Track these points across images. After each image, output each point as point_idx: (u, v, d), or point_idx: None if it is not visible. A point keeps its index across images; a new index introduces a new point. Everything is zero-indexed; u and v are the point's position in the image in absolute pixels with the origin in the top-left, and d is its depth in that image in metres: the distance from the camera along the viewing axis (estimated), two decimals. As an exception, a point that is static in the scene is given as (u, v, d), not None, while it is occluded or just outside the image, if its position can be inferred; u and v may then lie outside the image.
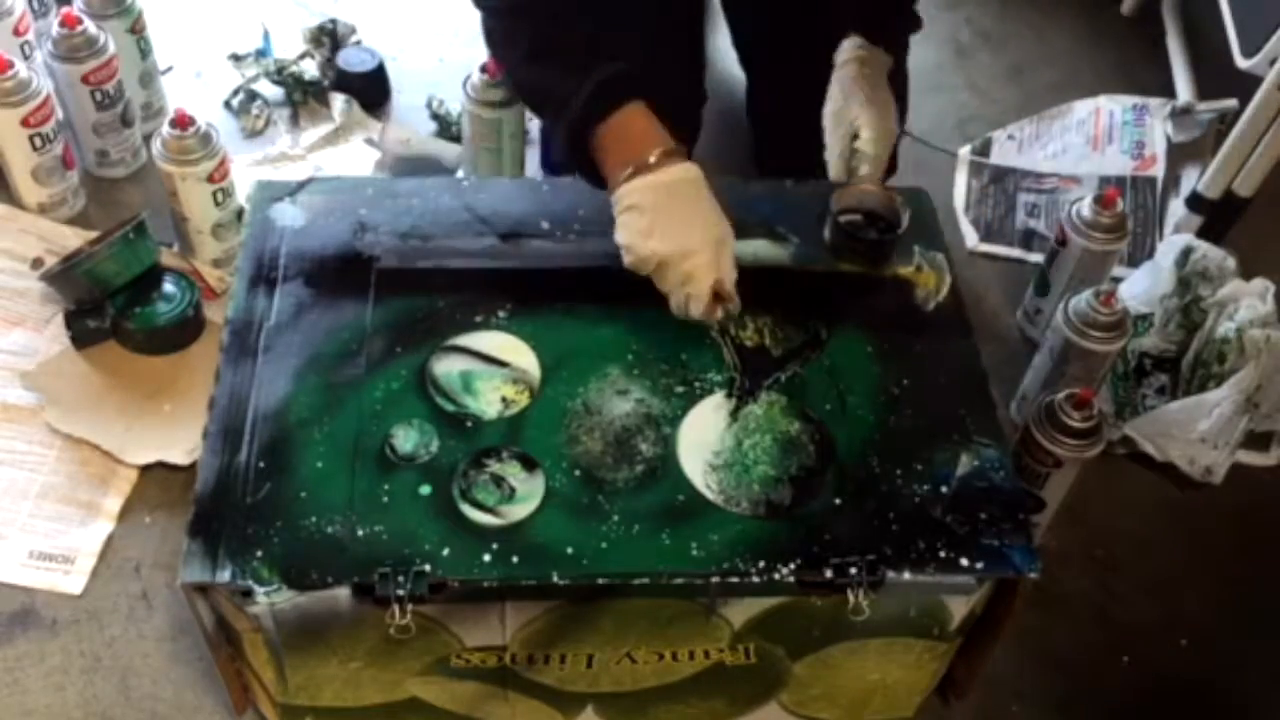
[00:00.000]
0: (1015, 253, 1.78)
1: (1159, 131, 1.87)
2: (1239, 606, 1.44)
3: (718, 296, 1.19)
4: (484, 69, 1.58)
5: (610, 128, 1.21)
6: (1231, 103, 1.79)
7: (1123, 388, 1.57)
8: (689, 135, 1.26)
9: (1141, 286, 1.63)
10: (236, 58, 1.87)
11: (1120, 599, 1.43)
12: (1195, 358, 1.56)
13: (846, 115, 1.34)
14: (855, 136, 1.34)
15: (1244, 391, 1.49)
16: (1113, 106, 1.92)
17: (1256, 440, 1.56)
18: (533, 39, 1.28)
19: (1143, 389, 1.59)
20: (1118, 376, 1.57)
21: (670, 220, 1.18)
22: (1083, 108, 1.92)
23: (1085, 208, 1.52)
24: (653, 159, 1.19)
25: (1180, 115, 1.86)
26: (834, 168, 1.35)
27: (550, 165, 1.70)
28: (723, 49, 1.81)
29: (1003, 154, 1.89)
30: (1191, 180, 1.76)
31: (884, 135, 1.33)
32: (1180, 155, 1.84)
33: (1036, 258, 1.70)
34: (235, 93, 1.84)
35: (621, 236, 1.20)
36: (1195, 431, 1.50)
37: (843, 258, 1.28)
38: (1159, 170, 1.83)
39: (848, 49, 1.38)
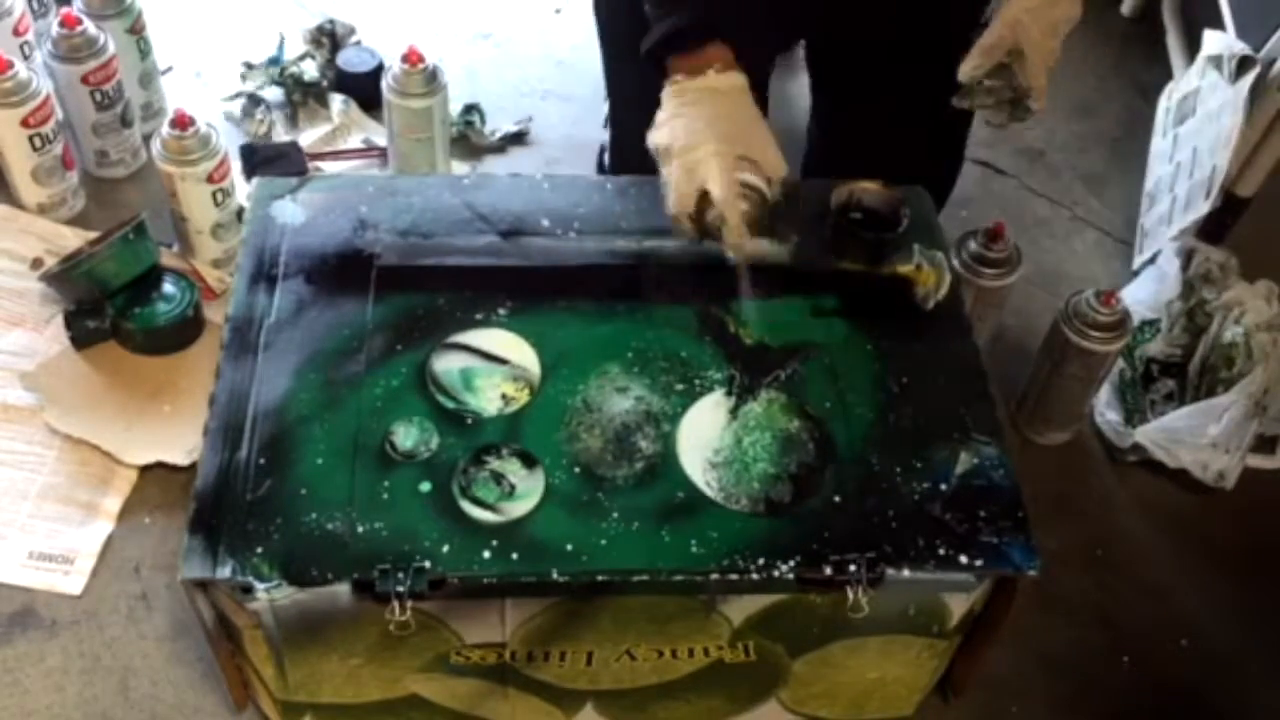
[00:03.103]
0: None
1: (1159, 131, 1.87)
2: (1239, 607, 1.44)
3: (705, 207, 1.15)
4: (405, 58, 1.57)
5: (689, 55, 1.19)
6: (1231, 103, 1.78)
7: (1131, 394, 1.57)
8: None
9: (1147, 292, 1.62)
10: (249, 66, 1.86)
11: (1120, 599, 1.43)
12: (1202, 362, 1.55)
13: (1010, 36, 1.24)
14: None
15: (1252, 395, 1.49)
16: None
17: (1263, 443, 1.56)
18: None
19: (1150, 395, 1.58)
20: (1125, 383, 1.57)
21: (689, 118, 1.16)
22: (1082, 109, 1.92)
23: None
24: (713, 70, 1.18)
25: (1180, 116, 1.86)
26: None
27: (602, 168, 1.65)
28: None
29: (1002, 155, 1.90)
30: (1191, 181, 1.76)
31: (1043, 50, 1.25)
32: (1180, 156, 1.84)
33: (1036, 258, 1.70)
34: (235, 96, 1.83)
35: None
36: (1206, 436, 1.49)
37: (843, 256, 1.28)
38: (1159, 171, 1.83)
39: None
